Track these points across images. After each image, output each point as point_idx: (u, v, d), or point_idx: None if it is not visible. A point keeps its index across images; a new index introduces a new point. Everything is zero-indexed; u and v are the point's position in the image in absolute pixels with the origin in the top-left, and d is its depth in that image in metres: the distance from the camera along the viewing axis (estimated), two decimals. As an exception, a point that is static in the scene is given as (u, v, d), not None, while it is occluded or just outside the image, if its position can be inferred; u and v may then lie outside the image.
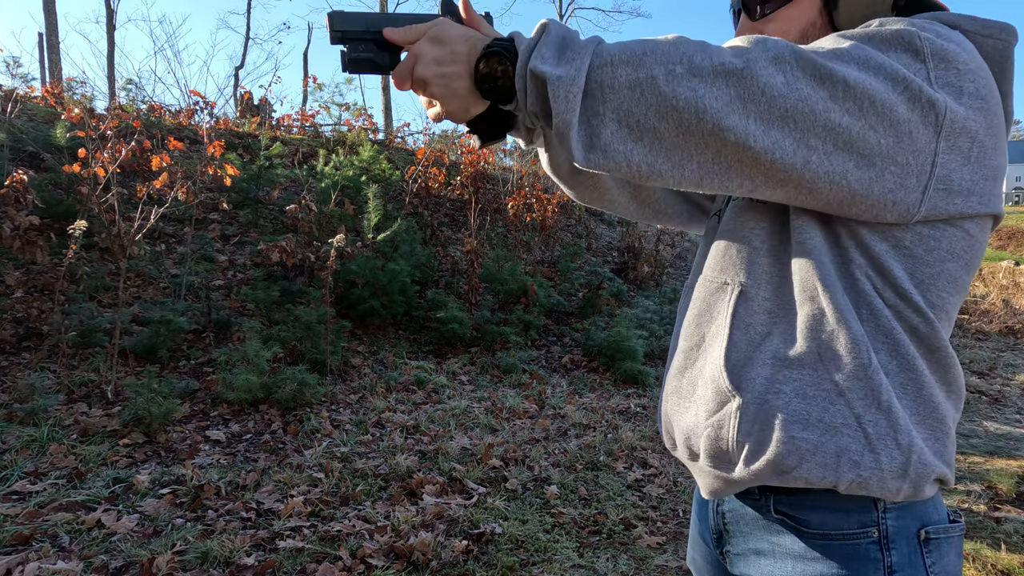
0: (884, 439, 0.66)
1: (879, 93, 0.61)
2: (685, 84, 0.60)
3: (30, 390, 3.15)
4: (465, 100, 0.71)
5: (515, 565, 2.40)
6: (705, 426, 0.74)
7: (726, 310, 0.74)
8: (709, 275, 0.80)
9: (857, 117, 0.61)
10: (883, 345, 0.68)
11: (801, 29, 0.80)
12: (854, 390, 0.67)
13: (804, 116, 0.61)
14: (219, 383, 3.63)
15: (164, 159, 4.10)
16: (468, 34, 0.71)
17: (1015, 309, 10.19)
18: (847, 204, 0.65)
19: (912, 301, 0.68)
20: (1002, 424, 4.93)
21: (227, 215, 5.90)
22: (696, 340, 0.79)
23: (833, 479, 0.67)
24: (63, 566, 2.04)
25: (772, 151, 0.61)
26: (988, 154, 0.66)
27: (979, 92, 0.65)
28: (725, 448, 0.73)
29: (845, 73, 0.61)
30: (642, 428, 4.17)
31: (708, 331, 0.77)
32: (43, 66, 11.68)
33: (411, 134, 11.84)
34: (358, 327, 5.09)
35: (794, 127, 0.61)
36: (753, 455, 0.70)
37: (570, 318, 6.49)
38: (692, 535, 0.98)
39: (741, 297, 0.74)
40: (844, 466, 0.67)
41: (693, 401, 0.77)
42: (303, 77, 18.88)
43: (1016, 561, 2.59)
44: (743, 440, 0.71)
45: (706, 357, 0.76)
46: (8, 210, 3.77)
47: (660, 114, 0.61)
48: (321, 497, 2.74)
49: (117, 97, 12.56)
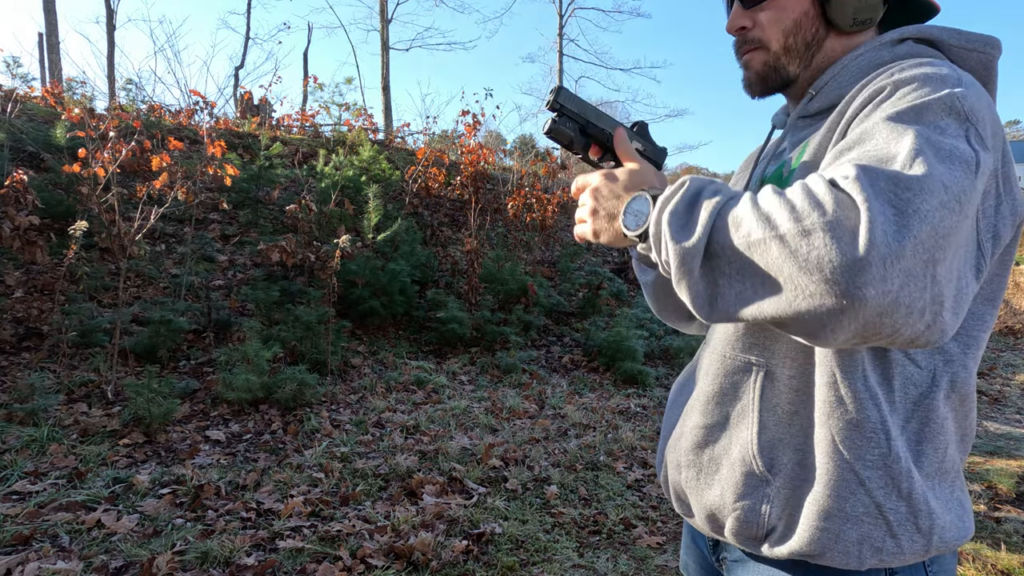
0: (905, 525, 0.67)
1: (964, 180, 0.57)
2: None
3: (30, 390, 3.15)
4: (607, 226, 0.76)
5: (515, 565, 2.40)
6: (734, 508, 0.74)
7: (752, 391, 0.74)
8: (729, 352, 0.79)
9: (958, 213, 0.56)
10: (914, 414, 0.69)
11: (794, 18, 0.79)
12: (874, 480, 0.67)
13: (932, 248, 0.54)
14: (219, 383, 3.63)
15: (164, 159, 4.10)
16: (644, 179, 0.76)
17: (1015, 309, 10.19)
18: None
19: (948, 353, 0.68)
20: (1002, 424, 4.93)
21: (227, 215, 5.90)
22: (718, 418, 0.78)
23: (856, 565, 0.68)
24: (63, 566, 2.04)
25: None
26: (1011, 178, 0.65)
27: (996, 130, 0.63)
28: (755, 531, 0.73)
29: (941, 175, 0.56)
30: (642, 428, 4.17)
31: (732, 410, 0.76)
32: (43, 66, 11.68)
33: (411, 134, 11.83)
34: (358, 327, 5.09)
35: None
36: (780, 539, 0.71)
37: (570, 318, 6.49)
38: (685, 541, 0.98)
39: (767, 378, 0.73)
40: (866, 553, 0.67)
41: (717, 480, 0.76)
42: (303, 77, 18.88)
43: (1016, 561, 2.59)
44: (775, 524, 0.72)
45: (731, 437, 0.76)
46: (8, 210, 3.76)
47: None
48: (321, 497, 2.74)
49: (117, 97, 12.56)
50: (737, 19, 0.83)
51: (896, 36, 0.76)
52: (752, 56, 0.83)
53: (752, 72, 0.84)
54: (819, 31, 0.80)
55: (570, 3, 21.11)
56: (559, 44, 21.38)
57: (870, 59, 0.76)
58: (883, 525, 0.67)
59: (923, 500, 0.67)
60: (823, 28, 0.80)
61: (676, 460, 0.83)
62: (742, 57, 0.85)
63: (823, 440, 0.69)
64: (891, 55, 0.75)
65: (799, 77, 0.83)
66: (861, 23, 0.78)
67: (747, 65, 0.84)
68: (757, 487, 0.72)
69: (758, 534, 0.73)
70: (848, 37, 0.80)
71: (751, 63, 0.83)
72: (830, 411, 0.68)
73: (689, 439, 0.81)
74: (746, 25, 0.82)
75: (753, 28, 0.82)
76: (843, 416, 0.68)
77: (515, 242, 6.92)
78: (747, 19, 0.82)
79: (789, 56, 0.81)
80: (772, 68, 0.82)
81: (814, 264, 0.52)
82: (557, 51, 21.39)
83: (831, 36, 0.80)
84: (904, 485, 0.67)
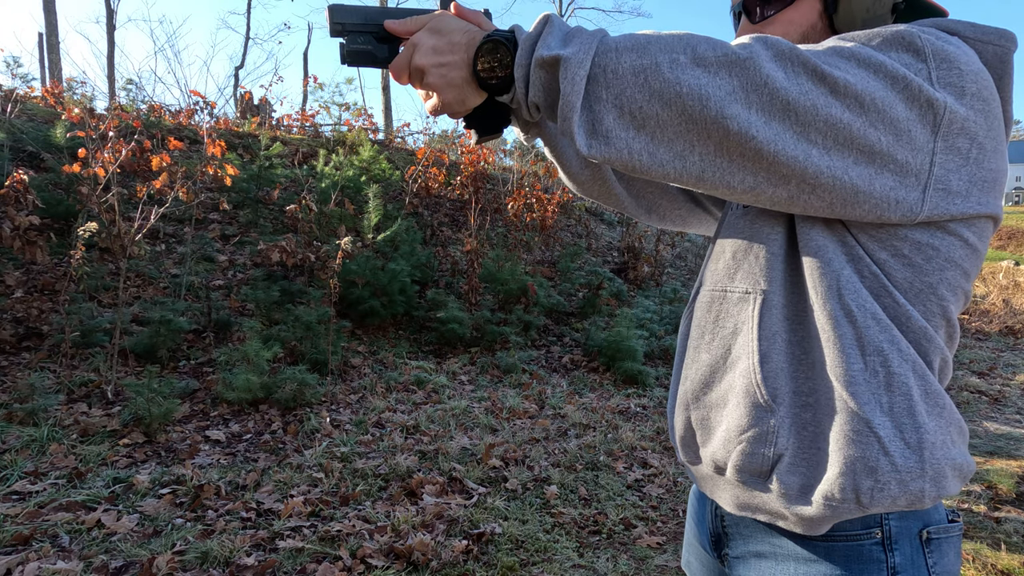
0: (895, 441, 0.67)
1: (878, 91, 0.61)
2: (689, 72, 0.60)
3: (30, 390, 3.15)
4: (462, 91, 0.71)
5: (515, 565, 2.40)
6: (739, 440, 0.73)
7: (751, 321, 0.74)
8: (724, 285, 0.79)
9: (857, 114, 0.61)
10: (887, 345, 0.68)
11: (802, 32, 0.80)
12: (860, 396, 0.67)
13: (805, 110, 0.61)
14: (219, 383, 3.63)
15: (164, 159, 4.10)
16: (468, 26, 0.71)
17: (1015, 309, 10.20)
18: (850, 204, 0.65)
19: (907, 310, 0.69)
20: (1002, 424, 4.92)
21: (227, 215, 5.90)
22: (721, 352, 0.78)
23: (852, 493, 0.67)
24: (63, 566, 2.04)
25: (773, 142, 0.61)
26: (988, 156, 0.66)
27: (980, 94, 0.65)
28: (760, 464, 0.72)
29: (846, 71, 0.62)
30: (642, 428, 4.17)
31: (734, 343, 0.76)
32: (43, 66, 11.68)
33: (411, 134, 11.85)
34: (358, 327, 5.09)
35: (795, 120, 0.61)
36: (788, 471, 0.71)
37: (570, 318, 6.49)
38: (687, 538, 0.97)
39: (764, 305, 0.73)
40: (860, 474, 0.67)
41: (725, 415, 0.76)
42: (303, 77, 18.88)
43: (1016, 561, 2.59)
44: (781, 452, 0.71)
45: (736, 369, 0.75)
46: (8, 210, 3.76)
47: (663, 101, 0.61)
48: (321, 497, 2.74)
49: (117, 97, 12.56)
50: (745, 34, 0.83)
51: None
52: None
53: None
54: None
55: (570, 3, 21.12)
56: (559, 44, 21.35)
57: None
58: (875, 442, 0.66)
59: (908, 414, 0.67)
60: None
61: (684, 401, 0.82)
62: None
63: (818, 362, 0.70)
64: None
65: None
66: None
67: None
68: (762, 417, 0.72)
69: (763, 468, 0.72)
70: None
71: None
72: (823, 330, 0.69)
73: (696, 378, 0.80)
74: None
75: None
76: (831, 336, 0.68)
77: (515, 242, 6.92)
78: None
79: None
80: None
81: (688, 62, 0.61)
82: (557, 51, 21.36)
83: None
84: (884, 400, 0.67)
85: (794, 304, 0.73)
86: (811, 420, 0.71)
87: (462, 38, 0.70)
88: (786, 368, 0.72)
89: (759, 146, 0.61)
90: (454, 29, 0.70)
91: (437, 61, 0.70)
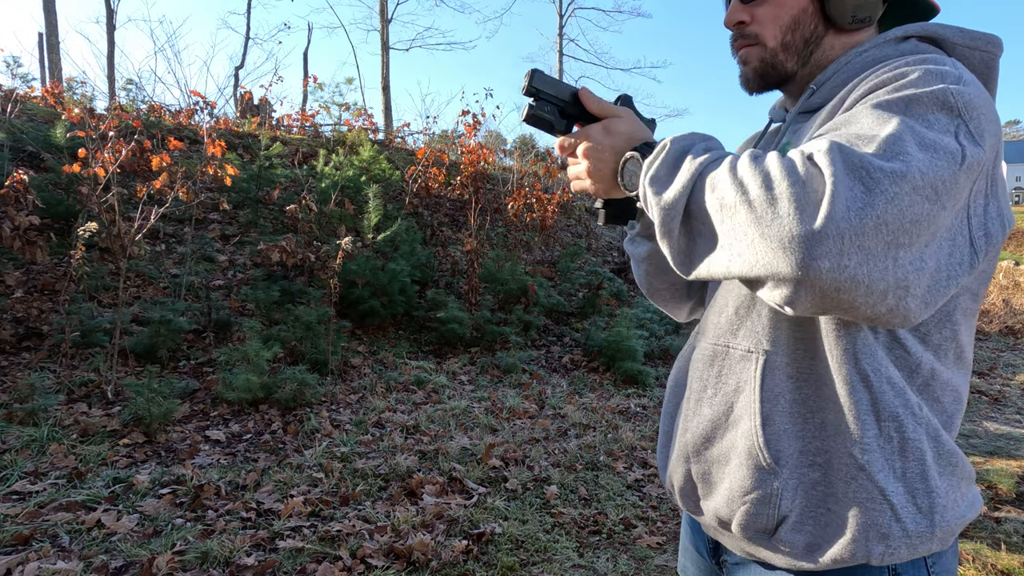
0: (907, 507, 0.67)
1: (945, 172, 0.56)
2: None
3: (30, 390, 3.15)
4: (609, 185, 0.80)
5: (515, 565, 2.40)
6: (743, 501, 0.73)
7: (753, 381, 0.73)
8: (730, 341, 0.78)
9: (934, 203, 0.56)
10: (902, 410, 0.68)
11: (793, 14, 0.79)
12: (874, 463, 0.67)
13: (894, 226, 0.54)
14: (219, 383, 3.63)
15: (164, 159, 4.10)
16: (632, 132, 0.79)
17: (1015, 309, 10.20)
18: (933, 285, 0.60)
19: (918, 359, 0.69)
20: (1002, 424, 4.92)
21: (227, 215, 5.90)
22: (723, 409, 0.77)
23: (864, 556, 0.68)
24: (63, 566, 2.04)
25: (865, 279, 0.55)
26: (997, 181, 0.65)
27: (992, 129, 0.62)
28: (765, 523, 0.73)
29: (918, 162, 0.56)
30: (642, 428, 4.17)
31: (736, 401, 0.76)
32: (43, 66, 11.68)
33: (411, 134, 11.84)
34: (358, 327, 5.09)
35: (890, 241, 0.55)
36: (793, 529, 0.71)
37: (570, 318, 6.49)
38: (684, 544, 0.97)
39: (767, 366, 0.73)
40: (872, 540, 0.67)
41: (727, 473, 0.76)
42: (303, 77, 18.88)
43: (1016, 561, 2.59)
44: (786, 513, 0.71)
45: (738, 429, 0.75)
46: (8, 210, 3.76)
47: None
48: (321, 497, 2.74)
49: (117, 97, 12.57)
50: (735, 13, 0.82)
51: (900, 33, 0.76)
52: (749, 52, 0.83)
53: (749, 68, 0.83)
54: (818, 28, 0.80)
55: (570, 3, 21.12)
56: (559, 44, 21.39)
57: (874, 55, 0.76)
58: (887, 509, 0.66)
59: (921, 479, 0.68)
60: (822, 25, 0.80)
61: (684, 453, 0.82)
62: (739, 52, 0.84)
63: (826, 425, 0.70)
64: (895, 51, 0.75)
65: (796, 74, 0.82)
66: (860, 21, 0.78)
67: (744, 61, 0.84)
68: (765, 480, 0.72)
69: (768, 526, 0.72)
70: (847, 35, 0.80)
71: (748, 59, 0.83)
72: (835, 398, 0.69)
73: (698, 432, 0.80)
74: (744, 20, 0.82)
75: (751, 23, 0.81)
76: (846, 401, 0.68)
77: (515, 242, 6.92)
78: (745, 14, 0.82)
79: (787, 52, 0.81)
80: (769, 64, 0.82)
81: (775, 232, 0.54)
82: (557, 51, 21.40)
83: (830, 34, 0.80)
84: (898, 466, 0.67)
85: (798, 363, 0.72)
86: (820, 480, 0.70)
87: (622, 143, 0.78)
88: (790, 429, 0.71)
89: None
90: (620, 132, 0.79)
91: (596, 157, 0.80)
